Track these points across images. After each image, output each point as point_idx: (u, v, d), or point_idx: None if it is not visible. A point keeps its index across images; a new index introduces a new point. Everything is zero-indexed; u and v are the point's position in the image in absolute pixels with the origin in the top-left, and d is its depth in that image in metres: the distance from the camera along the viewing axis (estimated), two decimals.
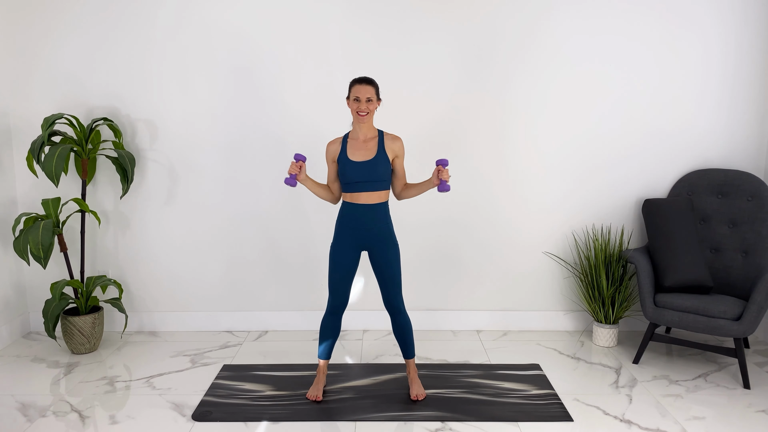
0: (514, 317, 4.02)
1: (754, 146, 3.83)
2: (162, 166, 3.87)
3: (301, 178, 2.93)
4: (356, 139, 2.94)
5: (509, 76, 3.77)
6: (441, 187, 2.88)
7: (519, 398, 3.05)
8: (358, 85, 2.87)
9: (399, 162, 2.99)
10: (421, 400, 3.03)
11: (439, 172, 2.88)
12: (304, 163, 2.94)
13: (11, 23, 3.71)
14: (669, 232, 3.49)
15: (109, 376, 3.35)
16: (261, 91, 3.78)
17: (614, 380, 3.29)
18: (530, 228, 3.93)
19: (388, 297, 2.99)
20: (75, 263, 3.91)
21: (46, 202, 3.56)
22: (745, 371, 3.18)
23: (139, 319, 4.01)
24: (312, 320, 4.00)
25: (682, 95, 3.80)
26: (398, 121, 3.68)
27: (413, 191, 3.03)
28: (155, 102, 3.80)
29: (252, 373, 3.35)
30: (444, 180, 2.87)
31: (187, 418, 2.88)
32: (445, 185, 2.87)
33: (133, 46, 3.74)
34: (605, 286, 3.66)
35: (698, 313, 3.25)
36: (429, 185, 2.96)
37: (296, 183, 2.92)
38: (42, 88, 3.78)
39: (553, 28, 3.72)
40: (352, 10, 3.70)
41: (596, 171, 3.88)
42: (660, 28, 3.72)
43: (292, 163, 2.91)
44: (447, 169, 2.89)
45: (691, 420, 2.86)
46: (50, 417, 2.89)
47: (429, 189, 3.00)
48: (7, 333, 3.78)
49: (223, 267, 3.97)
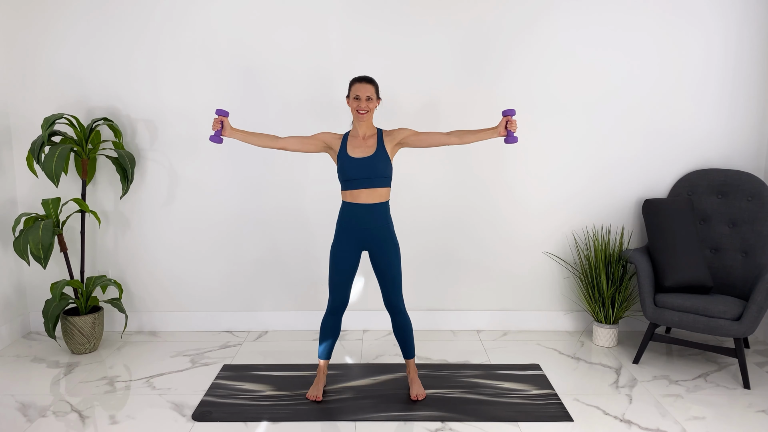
0: (514, 317, 4.02)
1: (754, 146, 3.83)
2: (162, 166, 3.87)
3: (226, 133, 2.92)
4: (356, 137, 2.95)
5: (509, 76, 3.77)
6: (509, 138, 2.85)
7: (519, 398, 3.05)
8: (358, 84, 2.87)
9: (412, 134, 2.94)
10: (421, 400, 3.03)
11: (507, 122, 2.85)
12: (227, 117, 2.92)
13: (11, 23, 3.71)
14: (669, 232, 3.49)
15: (109, 376, 3.35)
16: (261, 91, 3.78)
17: (614, 380, 3.28)
18: (530, 228, 3.93)
19: (389, 297, 2.99)
20: (75, 263, 3.91)
21: (46, 202, 3.56)
22: (745, 371, 3.18)
23: (139, 319, 4.01)
24: (312, 320, 4.00)
25: (682, 95, 3.80)
26: (398, 121, 3.68)
27: (471, 137, 2.93)
28: (155, 102, 3.80)
29: (252, 373, 3.35)
30: (511, 131, 2.84)
31: (187, 418, 2.88)
32: (512, 136, 2.84)
33: (134, 46, 3.74)
34: (605, 286, 3.66)
35: (698, 313, 3.25)
36: (493, 133, 2.89)
37: (222, 139, 2.92)
38: (42, 88, 3.78)
39: (553, 28, 3.72)
40: (351, 8, 3.70)
41: (596, 171, 3.88)
42: (660, 28, 3.72)
43: (214, 119, 2.90)
44: (515, 120, 2.86)
45: (691, 420, 2.86)
46: (50, 417, 2.89)
47: (492, 137, 2.92)
48: (7, 333, 3.78)
49: (223, 267, 3.97)
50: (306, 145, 3.00)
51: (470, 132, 2.94)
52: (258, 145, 3.00)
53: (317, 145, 3.00)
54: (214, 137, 2.89)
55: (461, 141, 2.94)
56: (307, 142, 3.00)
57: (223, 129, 2.91)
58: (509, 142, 2.86)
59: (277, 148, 2.99)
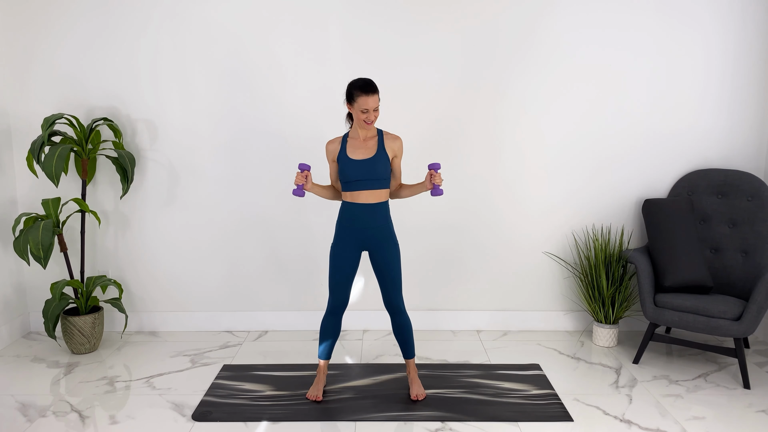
0: (514, 317, 4.02)
1: (754, 146, 3.83)
2: (162, 166, 3.87)
3: (308, 188, 2.92)
4: (356, 138, 2.94)
5: (509, 76, 3.77)
6: (434, 191, 2.89)
7: (519, 398, 3.05)
8: (365, 96, 2.78)
9: (397, 162, 2.99)
10: (421, 400, 3.03)
11: (431, 176, 2.88)
12: (309, 171, 2.94)
13: (11, 23, 3.71)
14: (669, 232, 3.49)
15: (109, 376, 3.35)
16: (261, 91, 3.78)
17: (614, 380, 3.28)
18: (530, 228, 3.93)
19: (389, 297, 2.99)
20: (75, 263, 3.91)
21: (46, 202, 3.56)
22: (745, 371, 3.18)
23: (139, 319, 4.01)
24: (312, 320, 4.00)
25: (682, 95, 3.80)
26: (397, 121, 3.68)
27: (406, 192, 3.05)
28: (155, 102, 3.80)
29: (252, 373, 3.35)
30: (437, 184, 2.87)
31: (187, 418, 2.88)
32: (438, 189, 2.88)
33: (133, 47, 3.74)
34: (605, 286, 3.66)
35: (698, 313, 3.25)
36: (422, 188, 2.97)
37: (304, 193, 2.93)
38: (42, 88, 3.78)
39: (554, 29, 3.72)
40: (351, 9, 3.70)
41: (596, 171, 3.87)
42: (660, 28, 3.72)
43: (298, 174, 2.89)
44: (439, 173, 2.89)
45: (691, 420, 2.86)
46: (50, 417, 2.89)
47: (422, 192, 3.02)
48: (7, 333, 3.78)
49: (223, 267, 3.97)
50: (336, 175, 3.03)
51: (405, 187, 3.05)
52: (328, 198, 3.07)
53: (335, 165, 3.01)
54: (298, 191, 2.89)
55: (396, 195, 3.07)
56: (335, 172, 3.02)
57: (306, 183, 2.91)
58: (435, 194, 2.89)
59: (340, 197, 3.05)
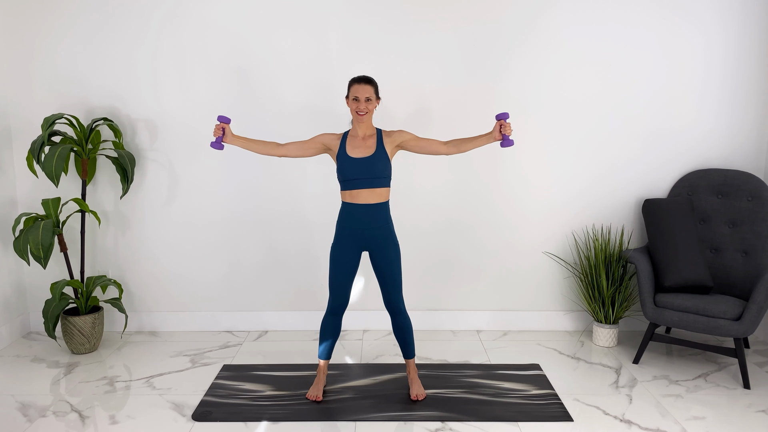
0: (514, 317, 4.02)
1: (754, 146, 3.83)
2: (162, 166, 3.87)
3: (227, 140, 2.92)
4: (356, 137, 2.94)
5: (508, 76, 3.77)
6: (504, 142, 2.84)
7: (519, 398, 3.05)
8: (357, 85, 2.86)
9: (413, 138, 2.95)
10: (421, 400, 3.03)
11: (501, 126, 2.85)
12: (228, 124, 2.93)
13: (12, 23, 3.71)
14: (669, 232, 3.49)
15: (109, 376, 3.35)
16: (261, 91, 3.78)
17: (614, 380, 3.28)
18: (530, 228, 3.93)
19: (389, 297, 2.99)
20: (75, 263, 3.91)
21: (46, 202, 3.56)
22: (745, 371, 3.18)
23: (139, 319, 4.01)
24: (312, 320, 4.00)
25: (682, 95, 3.80)
26: (396, 121, 3.68)
27: (468, 145, 2.93)
28: (155, 102, 3.80)
29: (252, 373, 3.35)
30: (506, 134, 2.84)
31: (187, 418, 2.88)
32: (508, 140, 2.83)
33: (133, 46, 3.74)
34: (605, 286, 3.66)
35: (698, 313, 3.25)
36: (489, 139, 2.89)
37: (223, 146, 2.92)
38: (42, 88, 3.78)
39: (553, 28, 3.72)
40: (350, 7, 3.70)
41: (596, 171, 3.87)
42: (661, 27, 3.72)
43: (216, 126, 2.90)
44: (509, 123, 2.86)
45: (691, 420, 2.86)
46: (50, 417, 2.89)
47: (488, 143, 2.93)
48: (7, 333, 3.78)
49: (223, 267, 3.97)
50: (306, 149, 3.00)
51: (466, 140, 2.94)
52: (259, 153, 3.00)
53: (317, 147, 2.99)
54: (215, 144, 2.89)
55: (458, 150, 2.96)
56: (307, 147, 3.00)
57: (225, 136, 2.91)
58: (505, 145, 2.86)
59: (278, 155, 3.00)
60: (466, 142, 2.93)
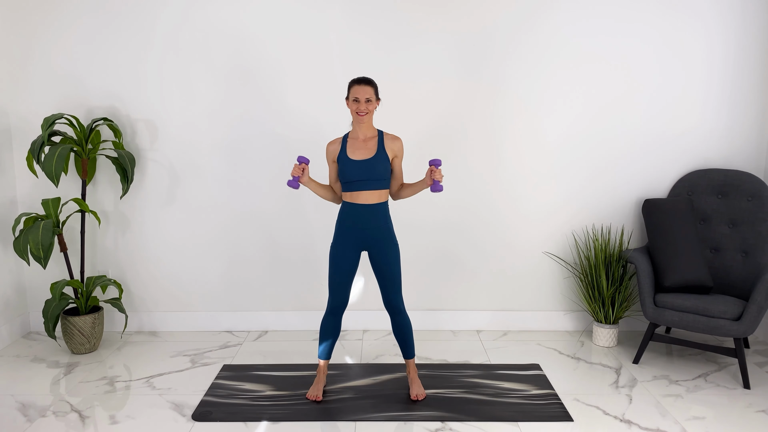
0: (514, 317, 4.02)
1: (754, 146, 3.83)
2: (162, 166, 3.87)
3: (303, 181, 2.94)
4: (356, 139, 2.95)
5: (508, 77, 3.77)
6: (434, 187, 2.88)
7: (519, 398, 3.05)
8: (357, 86, 2.87)
9: (398, 162, 2.99)
10: (421, 400, 3.03)
11: (432, 172, 2.88)
12: (307, 165, 2.94)
13: (11, 23, 3.71)
14: (669, 232, 3.49)
15: (109, 376, 3.35)
16: (261, 91, 3.78)
17: (614, 380, 3.28)
18: (530, 228, 3.93)
19: (388, 297, 2.99)
20: (75, 263, 3.91)
21: (46, 202, 3.56)
22: (745, 371, 3.18)
23: (139, 319, 4.01)
24: (312, 320, 4.00)
25: (682, 96, 3.80)
26: (396, 121, 3.68)
27: (407, 192, 3.04)
28: (155, 102, 3.80)
29: (252, 373, 3.35)
30: (437, 180, 2.87)
31: (187, 418, 2.88)
32: (437, 185, 2.87)
33: (133, 46, 3.74)
34: (605, 286, 3.66)
35: (698, 313, 3.25)
36: (423, 185, 2.96)
37: (299, 185, 2.93)
38: (42, 88, 3.78)
39: (553, 28, 3.72)
40: (351, 9, 3.70)
41: (596, 171, 3.87)
42: (662, 27, 3.72)
43: (295, 166, 2.91)
44: (440, 169, 2.88)
45: (691, 420, 2.86)
46: (50, 417, 2.89)
47: (423, 189, 3.00)
48: (7, 333, 3.78)
49: (223, 267, 3.97)
50: (335, 176, 3.04)
51: (407, 186, 3.03)
52: (323, 198, 3.07)
53: (335, 166, 3.01)
54: (293, 182, 2.90)
55: (398, 196, 3.06)
56: (334, 173, 3.03)
57: (302, 176, 2.92)
58: (435, 190, 2.88)
59: (337, 199, 3.06)
60: (406, 188, 3.04)
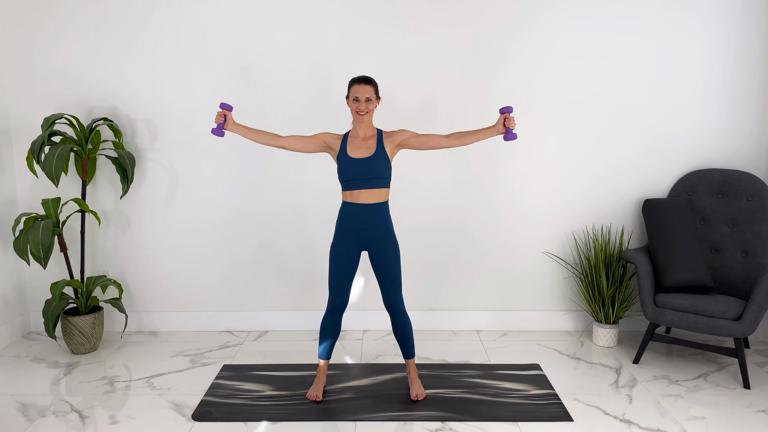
0: (514, 317, 4.02)
1: (754, 146, 3.83)
2: (162, 166, 3.87)
3: (228, 127, 2.92)
4: (356, 137, 2.95)
5: (508, 76, 3.77)
6: (507, 135, 2.84)
7: (519, 398, 3.05)
8: (357, 85, 2.87)
9: (413, 135, 2.95)
10: (421, 400, 3.03)
11: (505, 119, 2.85)
12: (230, 111, 2.93)
13: (11, 23, 3.71)
14: (669, 232, 3.49)
15: (109, 376, 3.35)
16: (261, 91, 3.78)
17: (614, 380, 3.29)
18: (530, 228, 3.93)
19: (388, 297, 2.99)
20: (75, 263, 3.91)
21: (46, 202, 3.56)
22: (745, 371, 3.18)
23: (139, 319, 4.01)
24: (312, 320, 4.00)
25: (682, 96, 3.80)
26: (396, 121, 3.68)
27: (471, 138, 2.93)
28: (155, 102, 3.80)
29: (252, 373, 3.35)
30: (509, 128, 2.84)
31: (187, 418, 2.88)
32: (511, 133, 2.83)
33: (133, 46, 3.74)
34: (605, 286, 3.66)
35: (698, 313, 3.25)
36: (492, 132, 2.89)
37: (223, 133, 2.92)
38: (42, 88, 3.78)
39: (553, 26, 3.72)
40: (351, 7, 3.70)
41: (596, 171, 3.87)
42: (662, 26, 3.72)
43: (218, 113, 2.90)
44: (513, 117, 2.85)
45: (691, 420, 2.86)
46: (50, 417, 2.89)
47: (491, 136, 2.92)
48: (7, 333, 3.78)
49: (223, 267, 3.97)
50: (306, 144, 3.00)
51: (469, 133, 2.94)
52: (258, 142, 2.99)
53: (317, 144, 3.00)
54: (216, 130, 2.88)
55: (461, 143, 2.95)
56: (307, 142, 3.00)
57: (226, 122, 2.91)
58: (508, 139, 2.86)
59: (277, 146, 2.99)
60: (469, 135, 2.94)
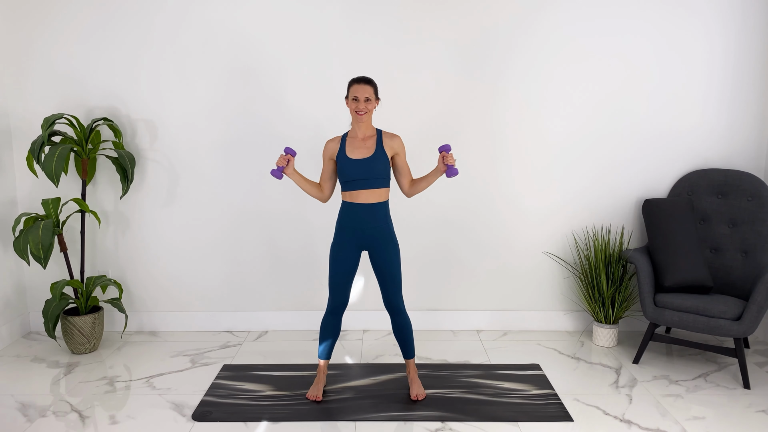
0: (514, 317, 4.02)
1: (754, 146, 3.83)
2: (162, 166, 3.87)
3: (288, 172, 2.93)
4: (355, 138, 2.95)
5: (508, 76, 3.77)
6: (449, 172, 2.86)
7: (519, 398, 3.06)
8: (357, 85, 2.87)
9: (401, 159, 2.99)
10: (421, 400, 3.03)
11: (443, 158, 2.87)
12: (294, 157, 2.94)
13: (11, 23, 3.71)
14: (669, 232, 3.49)
15: (109, 376, 3.35)
16: (261, 91, 3.78)
17: (614, 380, 3.29)
18: (530, 228, 3.93)
19: (388, 297, 2.99)
20: (75, 263, 3.91)
21: (46, 202, 3.56)
22: (745, 371, 3.18)
23: (139, 319, 4.02)
24: (312, 320, 4.00)
25: (682, 96, 3.80)
26: (396, 120, 3.68)
27: (422, 184, 3.00)
28: (155, 102, 3.80)
29: (252, 373, 3.35)
30: (450, 164, 2.86)
31: (187, 418, 2.88)
32: (453, 170, 2.85)
33: (134, 46, 3.74)
34: (605, 286, 3.66)
35: (698, 313, 3.25)
36: (437, 174, 2.93)
37: (282, 176, 2.92)
38: (42, 88, 3.78)
39: (552, 28, 3.72)
40: (351, 7, 3.70)
41: (596, 171, 3.87)
42: (662, 26, 3.72)
43: (281, 156, 2.91)
44: (451, 154, 2.87)
45: (691, 420, 2.86)
46: (50, 417, 2.89)
47: (437, 177, 2.98)
48: (7, 333, 3.78)
49: (223, 267, 3.97)
50: (331, 175, 3.03)
51: (419, 180, 3.01)
52: (307, 192, 3.03)
53: (332, 165, 3.01)
54: (276, 172, 2.89)
55: (414, 191, 3.03)
56: (329, 173, 3.02)
57: (287, 167, 2.92)
58: (450, 175, 2.87)
59: (324, 200, 3.05)
60: (419, 182, 3.01)
